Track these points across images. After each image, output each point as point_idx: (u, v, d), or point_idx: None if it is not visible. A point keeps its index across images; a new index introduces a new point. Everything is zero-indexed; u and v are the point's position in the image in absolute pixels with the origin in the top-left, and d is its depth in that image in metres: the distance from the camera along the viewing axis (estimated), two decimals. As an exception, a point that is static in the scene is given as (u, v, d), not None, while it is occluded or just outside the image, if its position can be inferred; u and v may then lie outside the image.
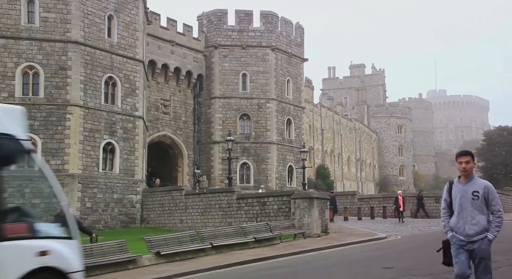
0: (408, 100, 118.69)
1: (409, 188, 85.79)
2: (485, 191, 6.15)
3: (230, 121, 43.50)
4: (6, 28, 29.82)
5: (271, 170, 43.59)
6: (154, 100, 41.41)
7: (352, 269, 13.10)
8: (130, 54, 33.93)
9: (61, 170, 29.61)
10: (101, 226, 30.74)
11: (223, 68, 44.16)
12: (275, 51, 45.05)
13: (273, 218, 25.16)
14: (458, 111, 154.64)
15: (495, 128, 73.87)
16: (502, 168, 64.58)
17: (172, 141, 42.96)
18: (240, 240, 19.74)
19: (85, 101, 30.95)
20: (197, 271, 14.89)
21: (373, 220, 33.20)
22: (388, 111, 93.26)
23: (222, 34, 44.54)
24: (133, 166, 33.34)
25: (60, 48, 30.51)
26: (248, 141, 43.58)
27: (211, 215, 28.97)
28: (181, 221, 30.62)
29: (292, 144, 46.00)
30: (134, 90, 34.02)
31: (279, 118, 45.09)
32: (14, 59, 29.82)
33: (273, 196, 26.75)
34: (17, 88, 29.68)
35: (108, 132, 32.07)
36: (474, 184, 6.23)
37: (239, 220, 26.99)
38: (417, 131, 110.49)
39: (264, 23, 45.13)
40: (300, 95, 48.56)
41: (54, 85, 30.26)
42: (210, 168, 43.35)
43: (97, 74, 31.81)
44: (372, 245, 19.77)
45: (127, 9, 33.99)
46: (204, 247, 18.42)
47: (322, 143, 66.63)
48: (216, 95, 43.89)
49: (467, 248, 6.16)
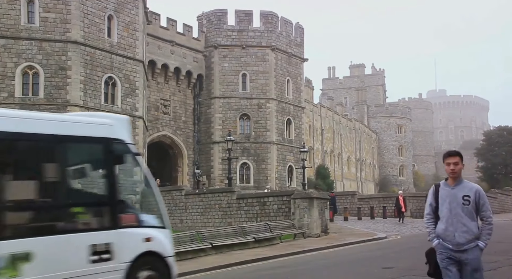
0: (408, 100, 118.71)
1: (409, 188, 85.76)
2: (476, 195, 5.58)
3: (230, 121, 43.50)
4: (6, 28, 29.82)
5: (271, 170, 43.59)
6: (154, 100, 41.41)
7: (352, 269, 13.10)
8: (130, 54, 33.93)
9: (61, 170, 29.59)
10: (101, 226, 30.73)
11: (223, 68, 44.17)
12: (275, 51, 45.05)
13: (273, 218, 25.15)
14: (458, 111, 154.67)
15: (495, 128, 73.89)
16: (502, 168, 64.60)
17: (172, 141, 42.97)
18: (240, 240, 19.75)
19: (85, 101, 30.95)
20: (197, 271, 14.88)
21: (373, 220, 33.20)
22: (388, 111, 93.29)
23: (222, 34, 44.56)
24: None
25: (60, 48, 30.52)
26: (248, 141, 43.59)
27: (211, 215, 28.96)
28: (181, 221, 30.60)
29: (292, 144, 46.00)
30: (134, 90, 34.02)
31: (279, 118, 45.10)
32: (14, 59, 29.83)
33: (273, 196, 26.73)
34: (17, 88, 29.68)
35: (108, 132, 32.03)
36: (464, 188, 5.62)
37: (239, 220, 26.98)
38: (417, 131, 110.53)
39: (264, 23, 45.14)
40: (300, 95, 48.57)
41: (54, 85, 30.26)
42: (210, 168, 43.36)
43: (97, 74, 31.81)
44: (372, 245, 19.78)
45: (127, 9, 33.99)
46: (204, 247, 18.42)
47: (322, 143, 66.64)
48: (216, 95, 43.89)
49: (456, 257, 5.59)
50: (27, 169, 7.69)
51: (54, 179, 7.75)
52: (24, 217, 7.43)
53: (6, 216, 7.08)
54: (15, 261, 6.79)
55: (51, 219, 7.69)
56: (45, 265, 7.07)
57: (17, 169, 7.54)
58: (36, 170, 7.59)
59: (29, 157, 7.75)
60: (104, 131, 8.42)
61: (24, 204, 7.41)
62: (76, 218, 8.05)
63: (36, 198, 7.50)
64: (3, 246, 6.74)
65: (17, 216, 7.36)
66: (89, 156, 8.83)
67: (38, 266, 6.97)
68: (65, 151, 8.06)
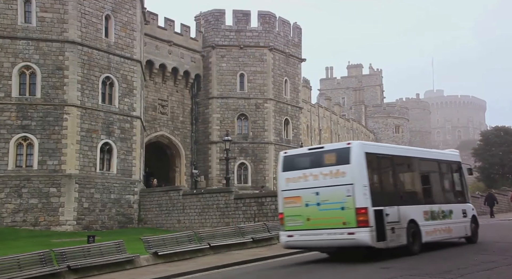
0: (406, 101, 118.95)
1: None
2: None
3: (228, 122, 43.48)
4: (2, 28, 29.74)
5: (268, 170, 43.58)
6: (152, 101, 41.36)
7: (350, 269, 13.09)
8: (128, 54, 33.88)
9: (58, 170, 29.55)
10: (98, 226, 30.68)
11: (221, 68, 44.14)
12: (272, 51, 45.05)
13: (270, 218, 25.16)
14: (455, 111, 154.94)
15: (492, 128, 73.92)
16: (499, 168, 64.64)
17: (169, 141, 42.92)
18: (238, 240, 19.75)
19: (82, 102, 30.88)
20: (195, 271, 14.87)
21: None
22: (385, 112, 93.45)
23: (220, 34, 44.53)
24: (131, 166, 33.29)
25: (57, 48, 30.44)
26: (245, 141, 43.58)
27: (208, 215, 28.96)
28: (178, 221, 30.59)
29: (290, 144, 45.97)
30: (131, 90, 33.96)
31: (277, 118, 45.10)
32: (10, 59, 29.74)
33: (271, 196, 26.72)
34: (14, 88, 29.60)
35: (105, 132, 32.01)
36: None
37: (237, 220, 26.99)
38: (414, 131, 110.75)
39: (261, 23, 45.13)
40: (298, 96, 48.58)
41: (51, 85, 30.18)
42: (208, 168, 43.33)
43: (94, 74, 31.74)
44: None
45: (124, 9, 33.94)
46: (202, 247, 18.42)
47: (319, 143, 66.64)
48: (214, 95, 43.86)
49: None
50: (445, 176, 18.09)
51: (450, 180, 18.25)
52: (449, 196, 17.81)
53: (446, 195, 17.70)
54: (448, 213, 16.76)
55: (452, 197, 17.92)
56: (454, 216, 16.97)
57: (443, 175, 17.93)
58: (447, 176, 18.15)
59: (445, 170, 18.09)
60: (456, 157, 18.71)
61: (448, 191, 18.06)
62: (456, 198, 18.02)
63: (449, 189, 18.16)
64: (445, 207, 16.72)
65: (448, 195, 17.76)
66: (455, 169, 18.43)
67: (453, 216, 16.96)
68: (449, 167, 18.19)
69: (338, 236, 13.49)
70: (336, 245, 13.96)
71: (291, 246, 15.01)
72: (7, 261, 13.85)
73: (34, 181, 29.19)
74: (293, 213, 14.47)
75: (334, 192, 13.69)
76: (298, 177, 14.55)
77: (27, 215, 28.74)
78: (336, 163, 13.96)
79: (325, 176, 14.00)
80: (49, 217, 29.03)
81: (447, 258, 14.02)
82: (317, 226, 13.91)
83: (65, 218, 29.25)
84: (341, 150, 14.28)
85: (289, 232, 14.53)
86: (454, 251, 15.89)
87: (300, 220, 14.25)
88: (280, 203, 15.00)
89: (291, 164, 14.97)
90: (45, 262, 14.22)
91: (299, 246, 15.13)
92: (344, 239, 13.42)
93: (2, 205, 28.55)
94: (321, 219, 13.87)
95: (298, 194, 14.36)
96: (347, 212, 13.39)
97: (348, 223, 13.34)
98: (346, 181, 13.54)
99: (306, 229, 14.16)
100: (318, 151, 14.84)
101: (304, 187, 14.31)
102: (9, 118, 29.35)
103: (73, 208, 29.60)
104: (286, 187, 14.77)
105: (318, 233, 13.88)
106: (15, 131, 29.34)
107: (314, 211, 14.00)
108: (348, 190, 13.46)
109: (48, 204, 29.13)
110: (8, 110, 29.41)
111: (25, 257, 14.15)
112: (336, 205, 13.61)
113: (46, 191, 29.21)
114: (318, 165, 14.27)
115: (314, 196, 14.01)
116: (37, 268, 13.94)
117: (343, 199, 13.51)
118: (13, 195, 28.85)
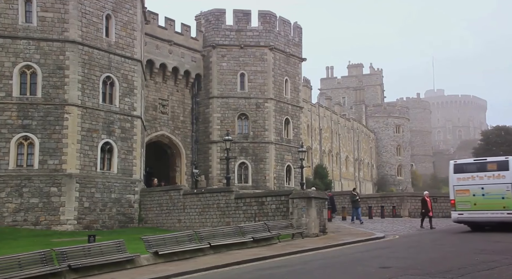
0: (406, 100, 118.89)
1: (407, 188, 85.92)
2: None
3: (228, 121, 43.48)
4: (3, 27, 29.74)
5: (269, 170, 43.58)
6: (152, 100, 41.38)
7: (350, 269, 13.10)
8: (128, 54, 33.89)
9: (59, 170, 29.58)
10: (99, 225, 30.70)
11: (221, 68, 44.14)
12: (273, 51, 45.05)
13: (271, 217, 25.16)
14: (456, 111, 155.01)
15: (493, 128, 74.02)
16: (500, 167, 64.61)
17: (170, 140, 42.93)
18: (238, 240, 19.75)
19: (83, 101, 30.89)
20: (195, 271, 14.89)
21: (371, 220, 33.26)
22: (386, 111, 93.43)
23: (220, 33, 44.53)
24: (131, 166, 33.30)
25: (58, 48, 30.44)
26: (246, 141, 43.58)
27: (209, 215, 28.95)
28: (179, 221, 30.59)
29: (290, 144, 46.00)
30: (132, 90, 33.98)
31: (277, 118, 45.10)
32: (11, 59, 29.75)
33: (271, 195, 26.72)
34: (15, 88, 29.61)
35: (106, 132, 32.02)
36: None
37: (237, 220, 26.98)
38: (415, 131, 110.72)
39: (262, 23, 45.12)
40: (298, 95, 48.57)
41: (52, 85, 30.20)
42: (208, 167, 43.32)
43: (95, 73, 31.75)
44: (370, 244, 19.80)
45: (125, 9, 33.94)
46: (202, 247, 18.42)
47: (320, 142, 66.69)
48: (214, 95, 43.87)
49: None
50: None
51: None
52: None
53: None
54: None
55: None
56: None
57: None
58: None
59: None
60: None
61: None
62: None
63: None
64: None
65: None
66: None
67: None
68: None
69: (499, 215, 21.34)
70: (497, 221, 21.59)
71: (460, 220, 22.78)
72: (7, 261, 13.86)
73: (35, 181, 29.21)
74: (462, 200, 22.27)
75: (496, 187, 21.48)
76: (467, 177, 22.29)
77: (27, 214, 28.77)
78: (497, 170, 21.71)
79: (489, 177, 21.75)
80: (50, 216, 29.06)
81: (447, 258, 14.03)
82: (482, 208, 21.62)
83: (66, 217, 29.27)
84: (501, 161, 22.30)
85: (460, 211, 22.38)
86: (454, 251, 15.90)
87: (468, 204, 22.09)
88: (452, 193, 22.79)
89: (460, 168, 22.79)
90: (45, 261, 14.23)
91: (467, 220, 22.74)
92: (504, 217, 21.23)
93: (3, 204, 28.58)
94: (486, 204, 21.58)
95: (467, 188, 22.17)
96: (507, 201, 21.25)
97: (507, 207, 21.19)
98: (506, 181, 21.39)
99: (473, 210, 21.93)
100: (482, 161, 23.03)
101: (472, 183, 22.04)
102: (10, 118, 29.37)
103: (73, 207, 29.62)
104: (457, 183, 22.55)
105: (483, 213, 21.66)
106: (16, 131, 29.37)
107: (479, 199, 21.83)
108: (507, 187, 21.32)
109: (48, 203, 29.15)
110: (9, 110, 29.43)
111: (25, 256, 14.17)
112: (498, 196, 21.43)
113: (46, 191, 29.24)
114: (483, 170, 22.10)
115: (480, 190, 21.89)
116: (37, 267, 13.95)
117: (504, 192, 21.34)
118: (14, 194, 28.89)
